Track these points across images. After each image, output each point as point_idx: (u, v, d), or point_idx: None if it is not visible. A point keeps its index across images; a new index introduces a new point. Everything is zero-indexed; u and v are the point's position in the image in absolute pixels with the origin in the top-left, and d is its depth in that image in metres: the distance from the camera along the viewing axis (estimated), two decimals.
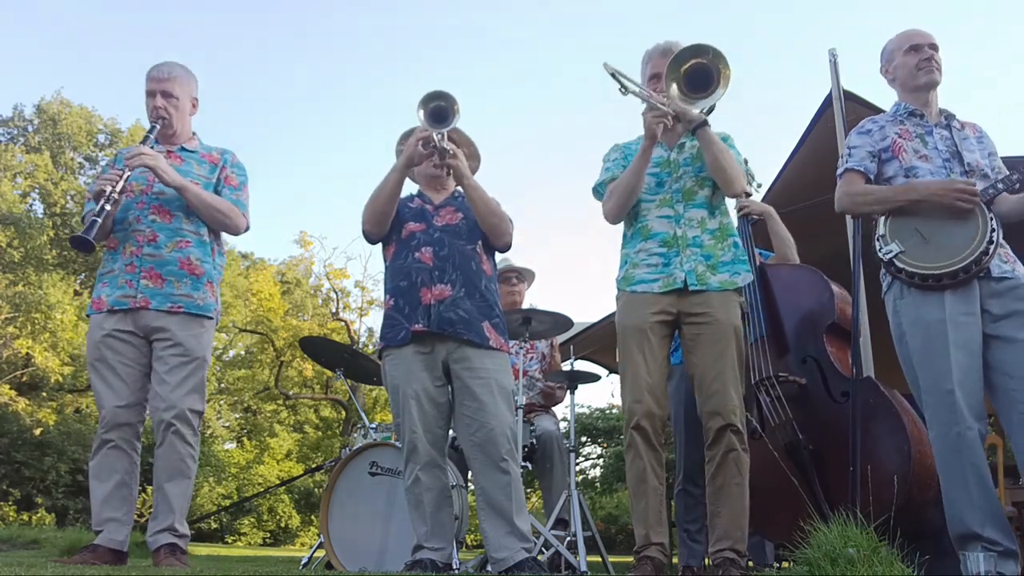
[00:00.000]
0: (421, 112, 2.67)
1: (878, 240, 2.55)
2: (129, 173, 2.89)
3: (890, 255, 2.49)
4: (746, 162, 3.57)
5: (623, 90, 2.52)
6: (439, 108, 2.67)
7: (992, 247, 2.39)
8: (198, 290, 2.95)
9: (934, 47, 2.65)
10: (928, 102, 2.67)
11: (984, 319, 2.42)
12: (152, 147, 2.97)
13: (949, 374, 2.36)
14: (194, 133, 3.19)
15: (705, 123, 2.55)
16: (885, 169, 2.64)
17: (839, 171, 2.71)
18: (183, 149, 3.11)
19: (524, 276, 4.50)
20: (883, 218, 2.56)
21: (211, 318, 3.00)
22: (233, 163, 3.15)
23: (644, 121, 2.57)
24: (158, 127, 3.03)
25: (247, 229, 3.12)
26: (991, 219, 2.42)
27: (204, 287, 2.98)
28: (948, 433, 2.35)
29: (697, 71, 2.47)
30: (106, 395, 2.87)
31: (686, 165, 2.70)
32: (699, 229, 2.64)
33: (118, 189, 2.84)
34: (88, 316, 2.99)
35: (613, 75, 2.51)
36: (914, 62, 2.66)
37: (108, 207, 2.80)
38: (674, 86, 2.49)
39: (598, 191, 2.82)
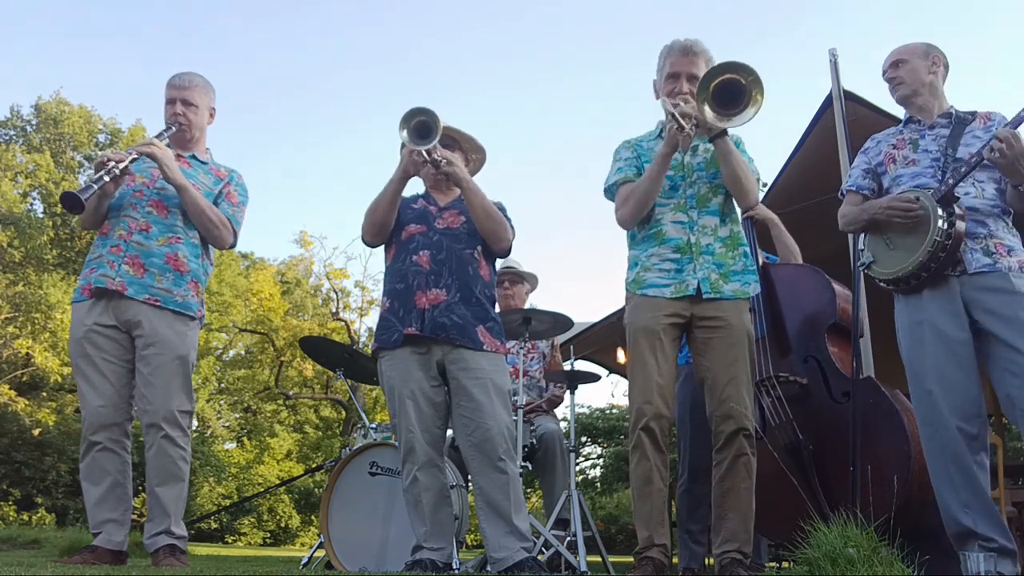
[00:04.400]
0: (404, 132, 2.64)
1: (859, 251, 2.67)
2: (135, 156, 2.88)
3: (863, 266, 2.62)
4: (750, 162, 3.57)
5: (679, 128, 2.47)
6: (422, 124, 2.64)
7: (947, 247, 2.40)
8: (180, 286, 2.93)
9: (893, 65, 2.72)
10: (922, 108, 2.70)
11: (973, 314, 2.42)
12: (166, 141, 2.99)
13: (927, 374, 2.44)
14: (208, 148, 3.20)
15: (724, 132, 2.50)
16: (883, 181, 2.72)
17: (840, 191, 2.82)
18: (194, 158, 3.11)
19: (517, 280, 4.45)
20: (861, 233, 2.68)
21: (193, 318, 2.97)
22: (238, 182, 3.17)
23: (667, 130, 2.53)
24: (173, 129, 3.04)
25: (233, 246, 3.12)
26: (941, 219, 2.41)
27: (187, 285, 2.96)
28: (932, 433, 2.42)
29: (727, 86, 2.41)
30: (89, 395, 2.84)
31: (700, 170, 2.67)
32: (712, 237, 2.62)
33: (121, 166, 2.82)
34: (73, 304, 2.96)
35: (673, 115, 2.48)
36: (888, 88, 2.77)
37: (107, 179, 2.79)
38: (707, 107, 2.42)
39: (610, 191, 2.77)
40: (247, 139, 33.19)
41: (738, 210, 2.74)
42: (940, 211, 2.42)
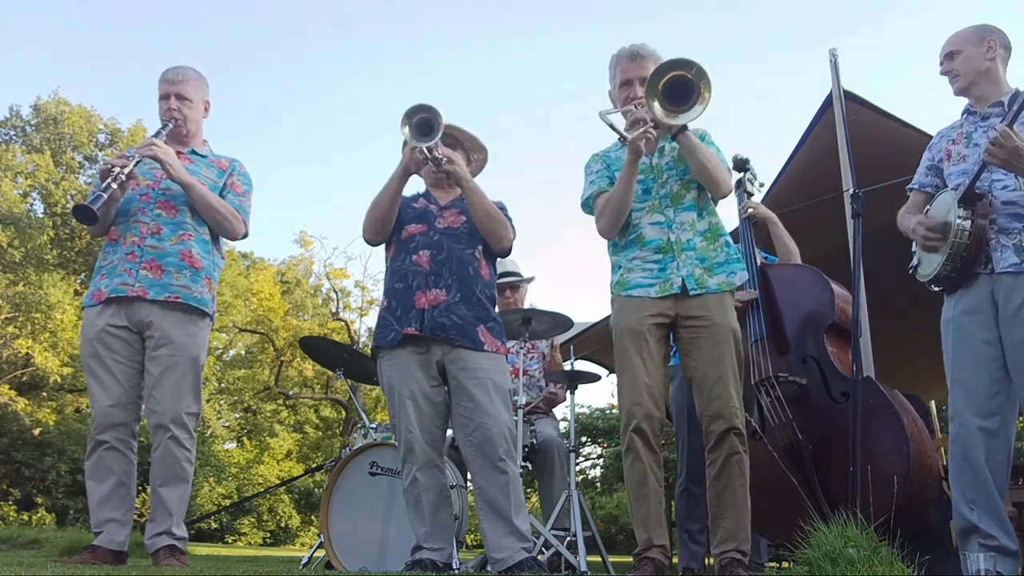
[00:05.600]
0: (406, 128, 2.63)
1: (912, 253, 2.69)
2: (139, 159, 2.87)
3: (911, 269, 2.66)
4: (747, 162, 3.57)
5: (623, 139, 2.51)
6: (424, 120, 2.63)
7: (968, 247, 2.41)
8: (196, 283, 2.94)
9: (947, 56, 2.64)
10: (979, 97, 2.62)
11: (1001, 314, 2.42)
12: (164, 138, 2.98)
13: (950, 372, 2.49)
14: (205, 140, 3.20)
15: (684, 128, 2.52)
16: (944, 178, 2.69)
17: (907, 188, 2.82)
18: (193, 152, 3.10)
19: (517, 287, 4.49)
20: None
21: (207, 314, 2.98)
22: (240, 172, 3.17)
23: (627, 138, 2.53)
24: (171, 126, 3.03)
25: (245, 236, 3.12)
26: (960, 219, 2.42)
27: (202, 281, 2.97)
28: (952, 429, 2.47)
29: (675, 83, 2.43)
30: (98, 394, 2.85)
31: (669, 169, 2.68)
32: (691, 232, 2.63)
33: (126, 172, 2.82)
34: (84, 308, 2.97)
35: (612, 126, 2.53)
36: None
37: (114, 185, 2.78)
38: (656, 103, 2.44)
39: (587, 205, 2.79)
40: (248, 139, 33.20)
41: (714, 202, 2.74)
42: (960, 211, 2.43)
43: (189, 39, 31.01)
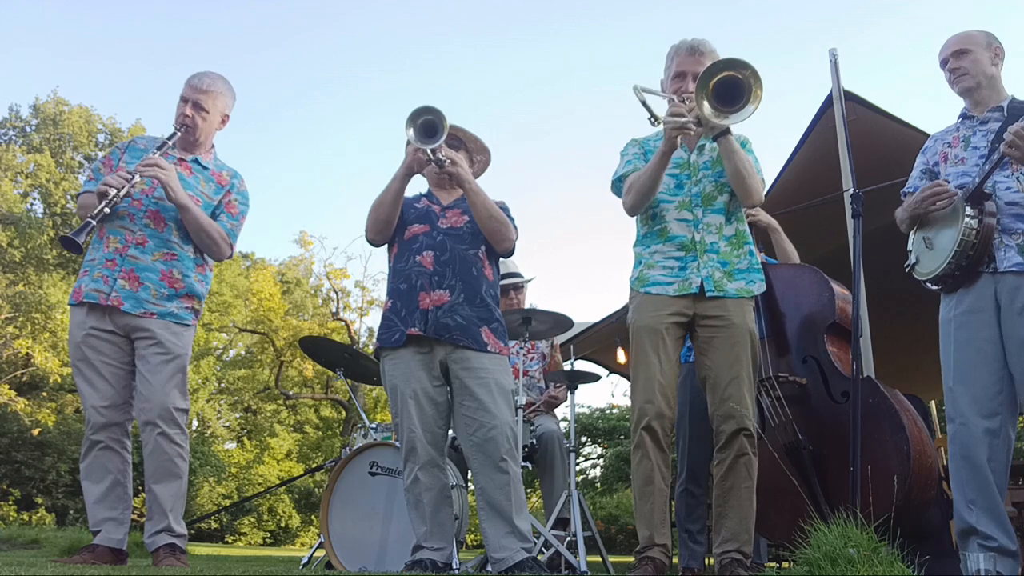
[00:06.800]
0: (410, 130, 2.63)
1: (908, 252, 2.69)
2: (138, 179, 2.85)
3: (908, 267, 2.65)
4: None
5: (653, 119, 2.50)
6: (428, 123, 2.63)
7: (976, 245, 2.41)
8: (173, 301, 2.92)
9: (956, 54, 2.64)
10: (979, 101, 2.63)
11: (1005, 313, 2.42)
12: (171, 151, 2.97)
13: (950, 371, 2.48)
14: (213, 146, 3.17)
15: (727, 131, 2.50)
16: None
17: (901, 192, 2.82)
18: (196, 161, 3.08)
19: (521, 287, 4.54)
20: (910, 233, 2.69)
21: (188, 325, 2.98)
22: (239, 190, 3.14)
23: (664, 129, 2.52)
24: (179, 134, 3.00)
25: (229, 258, 3.13)
26: (969, 217, 2.42)
27: (181, 300, 2.95)
28: (951, 429, 2.46)
29: (728, 83, 2.40)
30: (90, 395, 2.85)
31: (705, 169, 2.67)
32: (716, 235, 2.62)
33: (122, 194, 2.81)
34: (70, 307, 2.96)
35: (644, 103, 2.51)
36: (946, 77, 2.69)
37: (107, 210, 2.77)
38: (706, 103, 2.40)
39: (616, 185, 2.77)
40: (248, 139, 33.21)
41: (744, 209, 2.74)
42: (969, 209, 2.43)
43: (189, 39, 31.03)
